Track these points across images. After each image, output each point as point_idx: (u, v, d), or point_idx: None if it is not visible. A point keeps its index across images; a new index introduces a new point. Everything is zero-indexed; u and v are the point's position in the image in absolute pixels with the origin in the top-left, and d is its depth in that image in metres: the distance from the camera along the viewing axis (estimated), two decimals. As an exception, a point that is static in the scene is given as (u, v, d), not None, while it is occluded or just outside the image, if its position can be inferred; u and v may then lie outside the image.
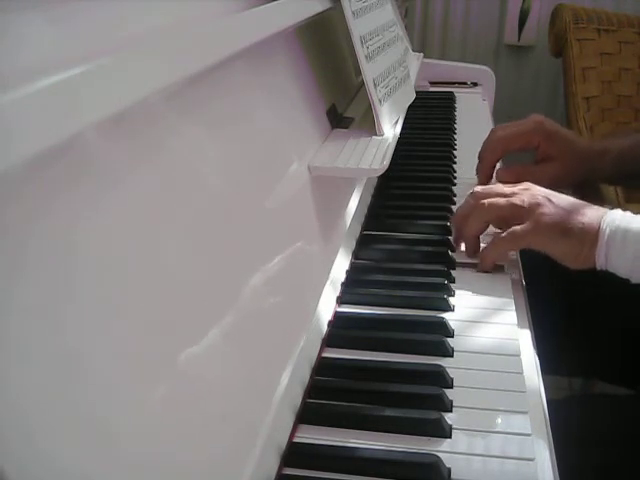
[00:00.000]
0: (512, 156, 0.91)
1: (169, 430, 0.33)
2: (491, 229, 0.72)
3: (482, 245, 0.72)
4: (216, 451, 0.37)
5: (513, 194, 0.69)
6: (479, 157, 0.91)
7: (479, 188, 0.73)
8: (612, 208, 0.67)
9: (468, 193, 0.73)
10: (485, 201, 0.69)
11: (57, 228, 0.29)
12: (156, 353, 0.34)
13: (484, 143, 0.91)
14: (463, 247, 0.73)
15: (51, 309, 0.27)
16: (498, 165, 0.90)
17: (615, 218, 0.64)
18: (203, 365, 0.38)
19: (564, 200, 0.67)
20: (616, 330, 0.83)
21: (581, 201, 0.68)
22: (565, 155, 0.86)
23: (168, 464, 0.33)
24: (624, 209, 0.66)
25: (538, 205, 0.66)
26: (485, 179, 0.89)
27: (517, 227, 0.66)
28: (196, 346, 0.37)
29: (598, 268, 0.64)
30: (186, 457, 0.34)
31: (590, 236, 0.63)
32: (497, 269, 0.70)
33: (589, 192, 1.48)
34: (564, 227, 0.65)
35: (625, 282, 0.63)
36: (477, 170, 0.91)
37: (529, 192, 0.68)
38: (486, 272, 0.70)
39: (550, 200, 0.67)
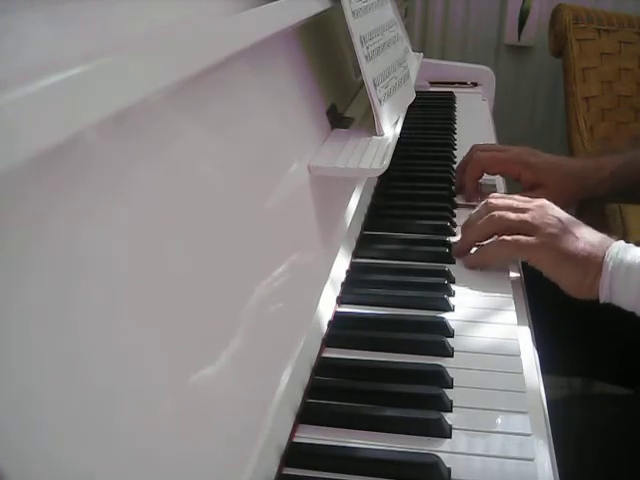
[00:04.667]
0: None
1: (169, 430, 0.33)
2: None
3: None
4: (216, 451, 0.37)
5: (526, 210, 0.68)
6: (457, 173, 0.92)
7: (494, 199, 0.71)
8: (619, 239, 0.66)
9: (482, 202, 0.73)
10: (495, 213, 0.69)
11: (59, 228, 0.29)
12: (156, 354, 0.34)
13: (463, 161, 0.91)
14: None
15: (53, 309, 0.27)
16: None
17: (619, 250, 0.63)
18: (203, 365, 0.38)
19: (575, 224, 0.66)
20: (615, 330, 0.83)
21: (591, 228, 0.67)
22: (555, 180, 0.85)
23: (168, 464, 0.33)
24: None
25: (548, 225, 0.65)
26: (470, 196, 0.89)
27: (524, 237, 0.66)
28: (196, 346, 0.37)
29: (602, 301, 0.63)
30: (186, 457, 0.34)
31: (594, 266, 0.63)
32: (497, 269, 0.70)
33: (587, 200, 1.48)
34: (569, 252, 0.64)
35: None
36: (457, 188, 0.91)
37: (543, 210, 0.67)
38: (471, 268, 0.70)
39: (561, 222, 0.66)
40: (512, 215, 0.68)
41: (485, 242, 0.70)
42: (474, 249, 0.72)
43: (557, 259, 0.64)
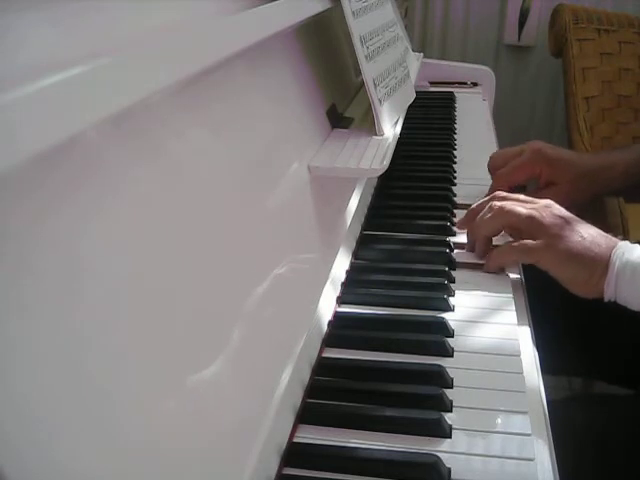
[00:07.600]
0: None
1: (169, 430, 0.33)
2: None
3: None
4: (216, 451, 0.37)
5: (534, 208, 0.68)
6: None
7: (502, 193, 0.72)
8: (623, 238, 0.67)
9: (490, 195, 0.73)
10: (506, 204, 0.69)
11: (59, 228, 0.29)
12: (157, 354, 0.34)
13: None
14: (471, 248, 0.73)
15: (53, 309, 0.27)
16: None
17: (625, 251, 0.63)
18: (203, 365, 0.38)
19: (580, 224, 0.67)
20: (616, 330, 0.83)
21: (596, 228, 0.67)
22: (569, 179, 0.85)
23: (168, 464, 0.33)
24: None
25: (555, 226, 0.66)
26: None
27: (530, 241, 0.66)
28: (196, 346, 0.37)
29: (606, 299, 0.64)
30: (186, 457, 0.34)
31: (600, 266, 0.63)
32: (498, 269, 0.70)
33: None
34: (576, 253, 0.64)
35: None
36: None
37: (550, 210, 0.68)
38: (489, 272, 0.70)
39: (568, 223, 0.67)
40: (522, 210, 0.68)
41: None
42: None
43: (563, 260, 0.65)
